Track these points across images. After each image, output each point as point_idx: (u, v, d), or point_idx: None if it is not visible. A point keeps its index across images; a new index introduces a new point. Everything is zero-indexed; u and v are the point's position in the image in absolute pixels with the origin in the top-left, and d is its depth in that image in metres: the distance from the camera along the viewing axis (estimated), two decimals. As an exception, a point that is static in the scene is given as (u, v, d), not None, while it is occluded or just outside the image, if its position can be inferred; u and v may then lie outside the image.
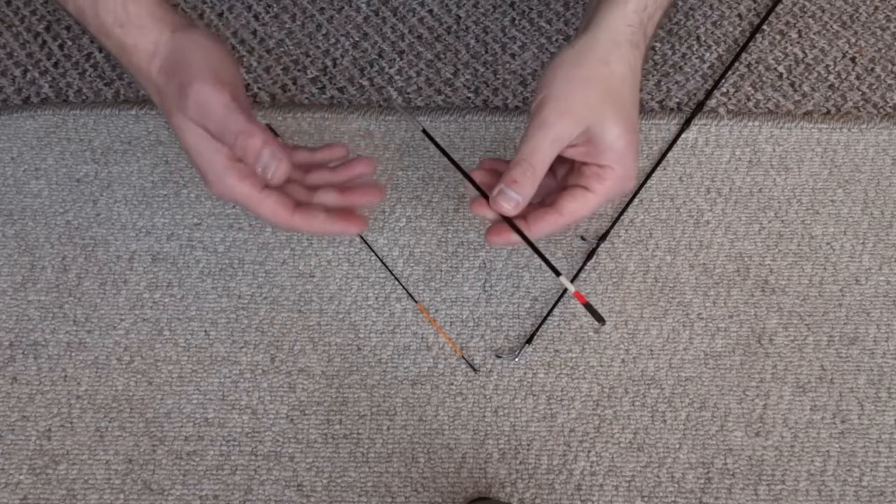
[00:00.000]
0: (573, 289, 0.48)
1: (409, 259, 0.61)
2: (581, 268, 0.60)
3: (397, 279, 0.60)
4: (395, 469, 0.56)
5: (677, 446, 0.56)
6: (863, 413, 0.57)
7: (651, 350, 0.58)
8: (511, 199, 0.45)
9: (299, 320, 0.60)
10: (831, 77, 0.68)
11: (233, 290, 0.60)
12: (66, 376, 0.59)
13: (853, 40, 0.69)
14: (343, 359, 0.59)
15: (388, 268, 0.61)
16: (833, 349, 0.58)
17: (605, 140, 0.44)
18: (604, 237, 0.61)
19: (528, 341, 0.58)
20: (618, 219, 0.61)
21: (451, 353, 0.59)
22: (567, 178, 0.48)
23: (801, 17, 0.71)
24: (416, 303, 0.60)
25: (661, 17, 0.48)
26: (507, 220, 0.46)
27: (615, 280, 0.60)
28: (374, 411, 0.57)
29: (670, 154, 0.64)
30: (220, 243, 0.62)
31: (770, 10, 0.70)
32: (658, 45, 0.69)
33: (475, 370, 0.58)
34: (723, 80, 0.67)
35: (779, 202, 0.62)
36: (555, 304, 0.59)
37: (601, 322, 0.46)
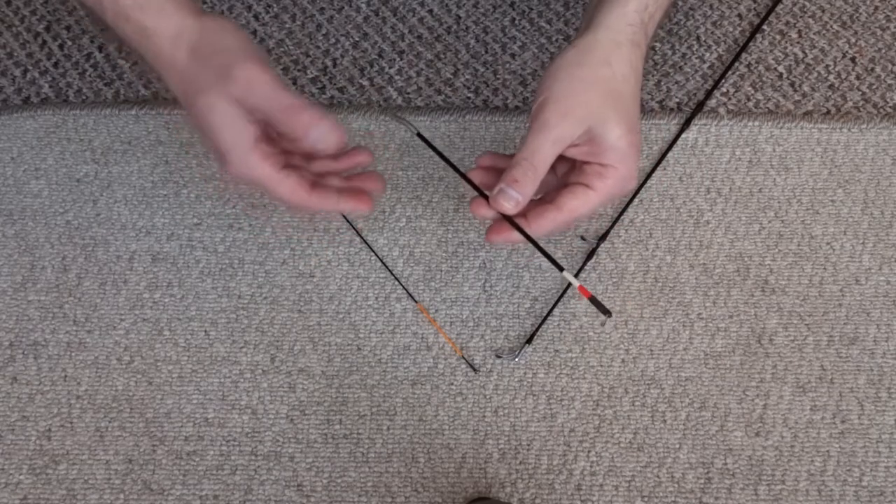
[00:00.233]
0: (577, 283, 0.47)
1: (409, 259, 0.61)
2: (581, 267, 0.60)
3: (397, 279, 0.60)
4: (395, 469, 0.56)
5: (677, 446, 0.56)
6: (863, 413, 0.57)
7: (651, 350, 0.58)
8: (511, 198, 0.45)
9: (299, 320, 0.60)
10: (831, 77, 0.68)
11: (233, 290, 0.60)
12: (66, 376, 0.59)
13: (853, 40, 0.69)
14: (343, 359, 0.59)
15: (388, 268, 0.61)
16: (833, 349, 0.58)
17: (607, 140, 0.44)
18: (604, 237, 0.61)
19: (528, 341, 0.58)
20: (618, 219, 0.61)
21: (451, 353, 0.59)
22: (568, 176, 0.47)
23: (801, 17, 0.71)
24: (416, 303, 0.60)
25: (661, 16, 0.48)
26: (508, 218, 0.46)
27: (615, 280, 0.60)
28: (374, 411, 0.57)
29: (670, 154, 0.64)
30: (220, 243, 0.62)
31: (770, 10, 0.70)
32: (658, 45, 0.69)
33: (475, 370, 0.58)
34: (723, 80, 0.67)
35: (779, 202, 0.62)
36: (556, 303, 0.59)
37: (607, 315, 0.46)
